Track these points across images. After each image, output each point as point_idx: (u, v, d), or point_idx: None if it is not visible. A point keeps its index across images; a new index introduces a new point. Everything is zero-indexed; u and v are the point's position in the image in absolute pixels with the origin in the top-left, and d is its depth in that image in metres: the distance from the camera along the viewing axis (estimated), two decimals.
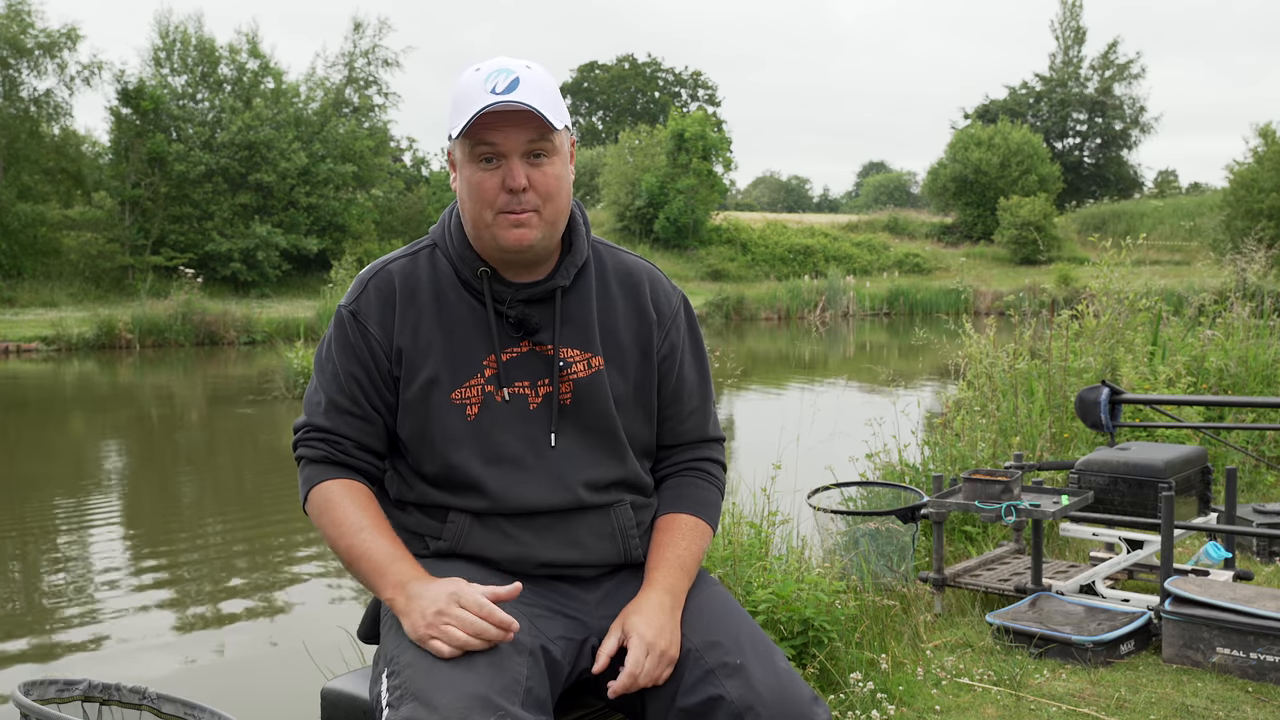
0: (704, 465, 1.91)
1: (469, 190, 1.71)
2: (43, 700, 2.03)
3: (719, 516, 1.92)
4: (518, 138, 1.67)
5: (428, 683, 1.48)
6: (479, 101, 1.64)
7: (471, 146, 1.68)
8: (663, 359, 1.86)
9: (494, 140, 1.67)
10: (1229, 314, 8.00)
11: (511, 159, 1.67)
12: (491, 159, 1.68)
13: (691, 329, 1.93)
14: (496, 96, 1.64)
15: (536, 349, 1.76)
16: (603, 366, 1.78)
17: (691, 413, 1.90)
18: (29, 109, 28.05)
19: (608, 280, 1.84)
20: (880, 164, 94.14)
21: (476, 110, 1.64)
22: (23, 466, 10.36)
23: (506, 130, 1.66)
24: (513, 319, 1.76)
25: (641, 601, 1.70)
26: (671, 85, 67.09)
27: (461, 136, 1.67)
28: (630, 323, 1.83)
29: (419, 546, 1.79)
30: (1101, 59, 55.23)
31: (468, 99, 1.66)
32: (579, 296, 1.80)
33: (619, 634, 1.65)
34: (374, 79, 34.25)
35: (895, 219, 45.32)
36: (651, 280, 1.88)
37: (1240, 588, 3.44)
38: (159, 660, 4.91)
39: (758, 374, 16.71)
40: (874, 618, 3.52)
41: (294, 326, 21.15)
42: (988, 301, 28.34)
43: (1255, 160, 35.45)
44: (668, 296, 1.89)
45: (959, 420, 5.92)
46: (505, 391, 1.74)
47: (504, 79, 1.65)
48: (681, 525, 1.82)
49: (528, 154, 1.68)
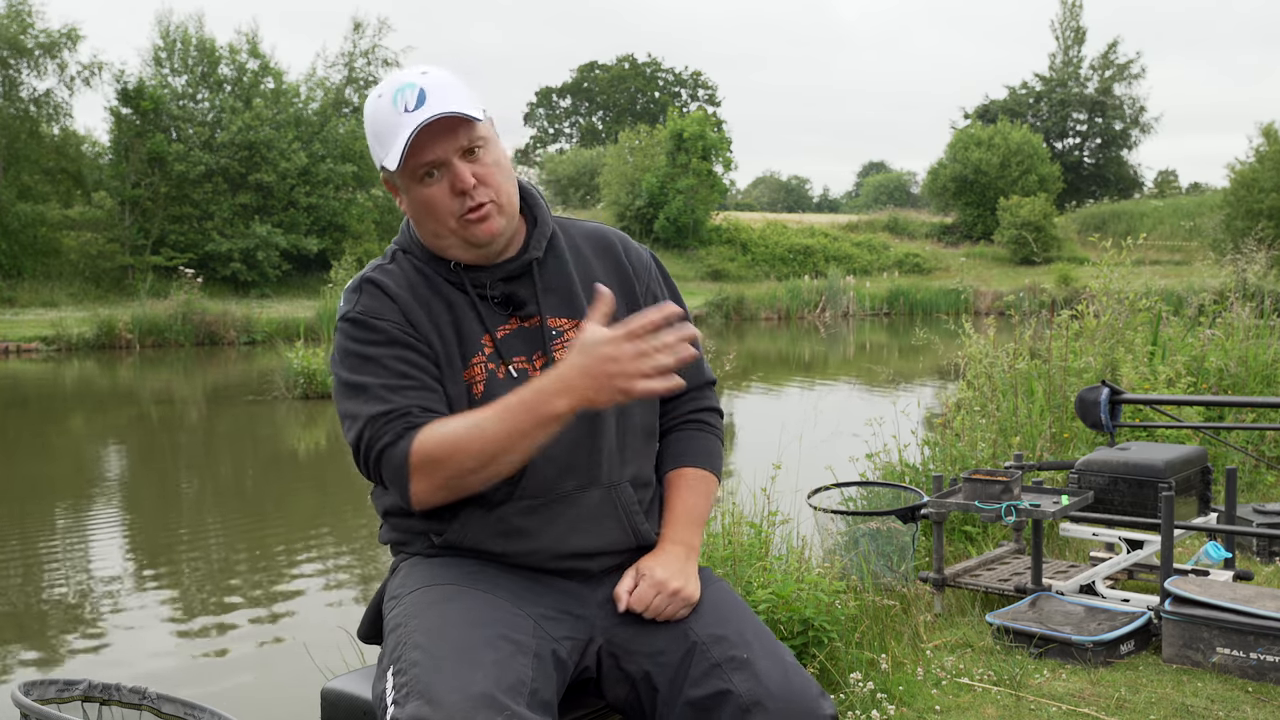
0: (702, 415, 1.94)
1: (423, 210, 1.73)
2: (42, 700, 2.04)
3: (722, 464, 1.96)
4: (448, 145, 1.68)
5: (434, 681, 1.49)
6: (399, 126, 1.66)
7: (411, 170, 1.70)
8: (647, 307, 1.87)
9: (429, 158, 1.68)
10: (1229, 314, 8.00)
11: (451, 164, 1.69)
12: (433, 173, 1.70)
13: (667, 280, 1.97)
14: (411, 114, 1.65)
15: (525, 324, 1.79)
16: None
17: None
18: (29, 109, 28.06)
19: (578, 246, 1.88)
20: (880, 164, 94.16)
21: (404, 139, 1.65)
22: (23, 467, 10.36)
23: (435, 143, 1.67)
24: (497, 298, 1.78)
25: (657, 552, 1.78)
26: (671, 85, 67.08)
27: (399, 164, 1.68)
28: (610, 279, 1.86)
29: (423, 544, 1.79)
30: (1101, 59, 55.23)
31: (388, 128, 1.68)
32: (555, 265, 1.83)
33: (634, 574, 1.74)
34: (374, 79, 34.22)
35: (895, 219, 45.32)
36: (621, 240, 1.93)
37: (1240, 588, 3.44)
38: (159, 660, 4.91)
39: (758, 374, 16.71)
40: (874, 618, 3.52)
41: (294, 326, 21.14)
42: (988, 301, 28.33)
43: (1257, 159, 35.45)
44: (638, 253, 1.94)
45: (959, 420, 5.92)
46: (509, 368, 1.75)
47: (411, 94, 1.67)
48: (688, 478, 1.87)
49: (462, 153, 1.70)
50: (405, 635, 1.60)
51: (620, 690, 1.73)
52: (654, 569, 1.73)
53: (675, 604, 1.70)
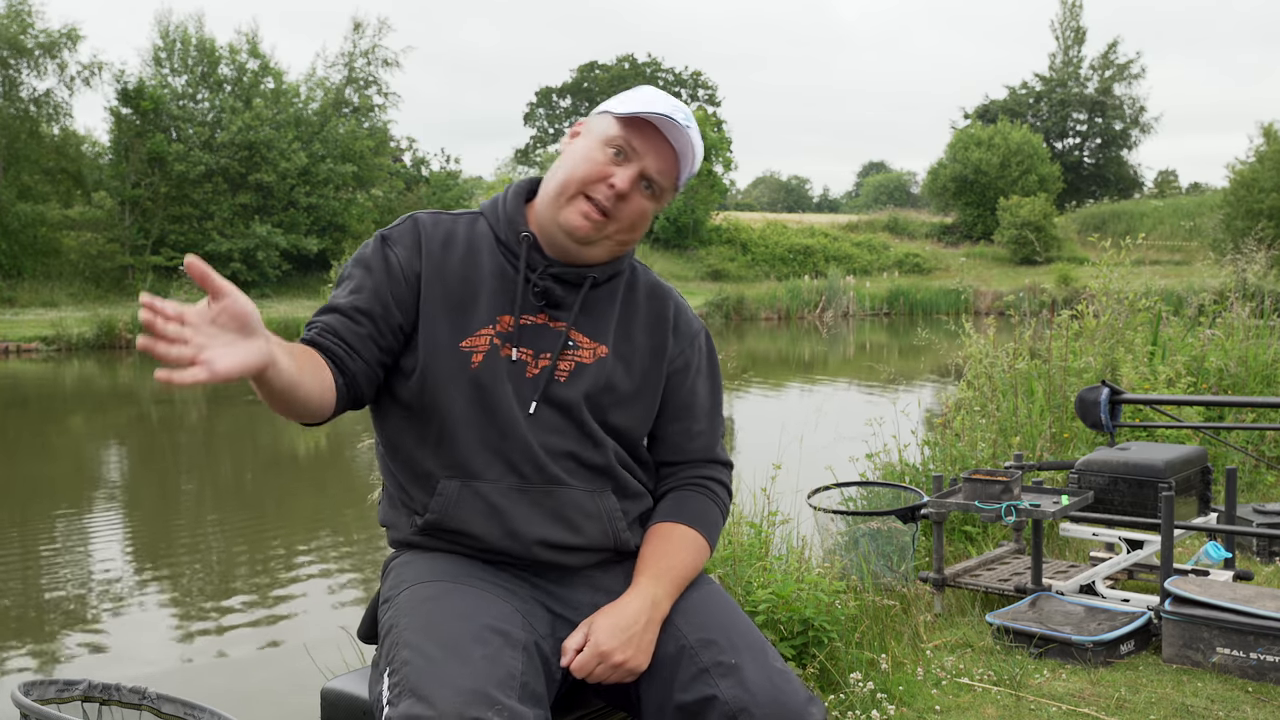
0: (708, 483, 1.88)
1: (579, 158, 1.74)
2: (42, 700, 2.04)
3: (718, 536, 1.86)
4: (655, 159, 1.72)
5: (425, 679, 1.49)
6: (659, 108, 1.70)
7: (618, 133, 1.72)
8: (675, 370, 1.86)
9: (640, 147, 1.71)
10: (1229, 314, 8.00)
11: (633, 170, 1.72)
12: (623, 153, 1.72)
13: (710, 357, 1.93)
14: (668, 119, 1.70)
15: (551, 324, 1.78)
16: (606, 356, 1.79)
17: (700, 433, 1.88)
18: (29, 109, 28.08)
19: (636, 290, 1.87)
20: (880, 164, 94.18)
21: (658, 112, 1.69)
22: (23, 467, 10.36)
23: (653, 147, 1.72)
24: (539, 288, 1.77)
25: (617, 606, 1.68)
26: (671, 85, 66.98)
27: (621, 120, 1.71)
28: (647, 328, 1.85)
29: (407, 526, 1.78)
30: (1101, 59, 55.24)
31: (647, 101, 1.72)
32: (606, 294, 1.83)
33: (582, 634, 1.65)
34: (374, 79, 34.27)
35: (895, 219, 45.33)
36: (678, 303, 1.91)
37: (1240, 588, 3.44)
38: (159, 660, 4.91)
39: (758, 374, 16.70)
40: (874, 618, 3.52)
41: (294, 326, 21.13)
42: (988, 301, 28.34)
43: (1257, 159, 35.45)
44: (690, 321, 1.91)
45: (959, 420, 5.92)
46: (515, 351, 1.74)
47: (682, 115, 1.72)
48: (677, 535, 1.79)
49: (645, 177, 1.73)
50: (398, 635, 1.61)
51: (610, 691, 1.73)
52: (600, 634, 1.64)
53: (618, 675, 1.64)
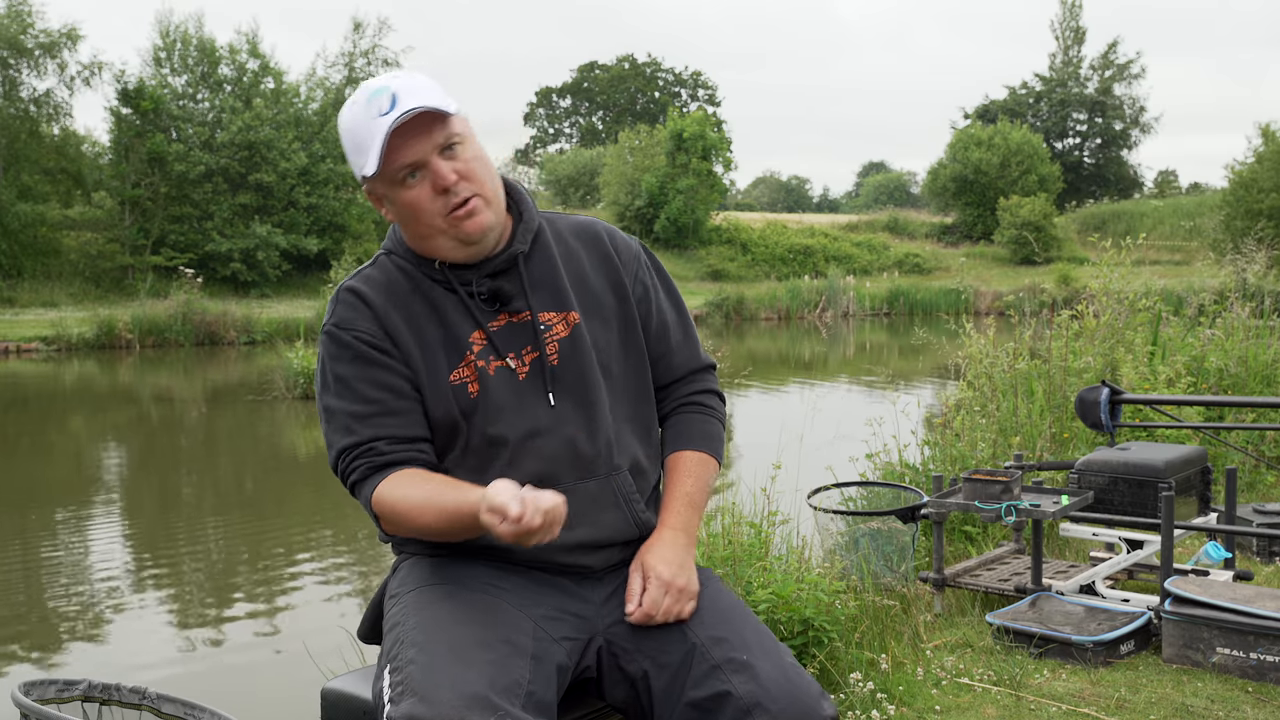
0: (701, 398, 1.94)
1: (409, 213, 1.72)
2: (42, 700, 2.04)
3: (723, 447, 1.95)
4: (425, 144, 1.67)
5: (429, 680, 1.49)
6: (374, 131, 1.64)
7: (391, 175, 1.68)
8: (638, 300, 1.89)
9: (408, 159, 1.67)
10: (1229, 314, 7.99)
11: (430, 163, 1.68)
12: (414, 174, 1.69)
13: (656, 268, 1.96)
14: (384, 117, 1.64)
15: (514, 319, 1.78)
16: (579, 321, 1.80)
17: (679, 346, 1.93)
18: (29, 109, 28.07)
19: (564, 237, 1.87)
20: (880, 164, 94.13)
21: (380, 141, 1.63)
22: (23, 467, 10.36)
23: (412, 143, 1.66)
24: (485, 294, 1.77)
25: (656, 541, 1.76)
26: (671, 85, 67.05)
27: (378, 172, 1.67)
28: (598, 270, 1.86)
29: (424, 543, 1.78)
30: (1101, 59, 55.24)
31: (365, 134, 1.67)
32: (541, 259, 1.82)
33: (640, 573, 1.72)
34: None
35: (895, 219, 45.32)
36: (608, 230, 1.93)
37: (1240, 588, 3.44)
38: (159, 660, 4.91)
39: (758, 374, 16.70)
40: (874, 618, 3.52)
41: (294, 326, 21.15)
42: (988, 301, 28.35)
43: (1256, 160, 35.44)
44: (626, 242, 1.93)
45: (959, 420, 5.92)
46: (504, 361, 1.75)
47: (385, 98, 1.66)
48: (688, 461, 1.87)
49: (440, 151, 1.68)
50: (403, 634, 1.61)
51: (620, 690, 1.73)
52: (657, 567, 1.72)
53: (682, 601, 1.71)
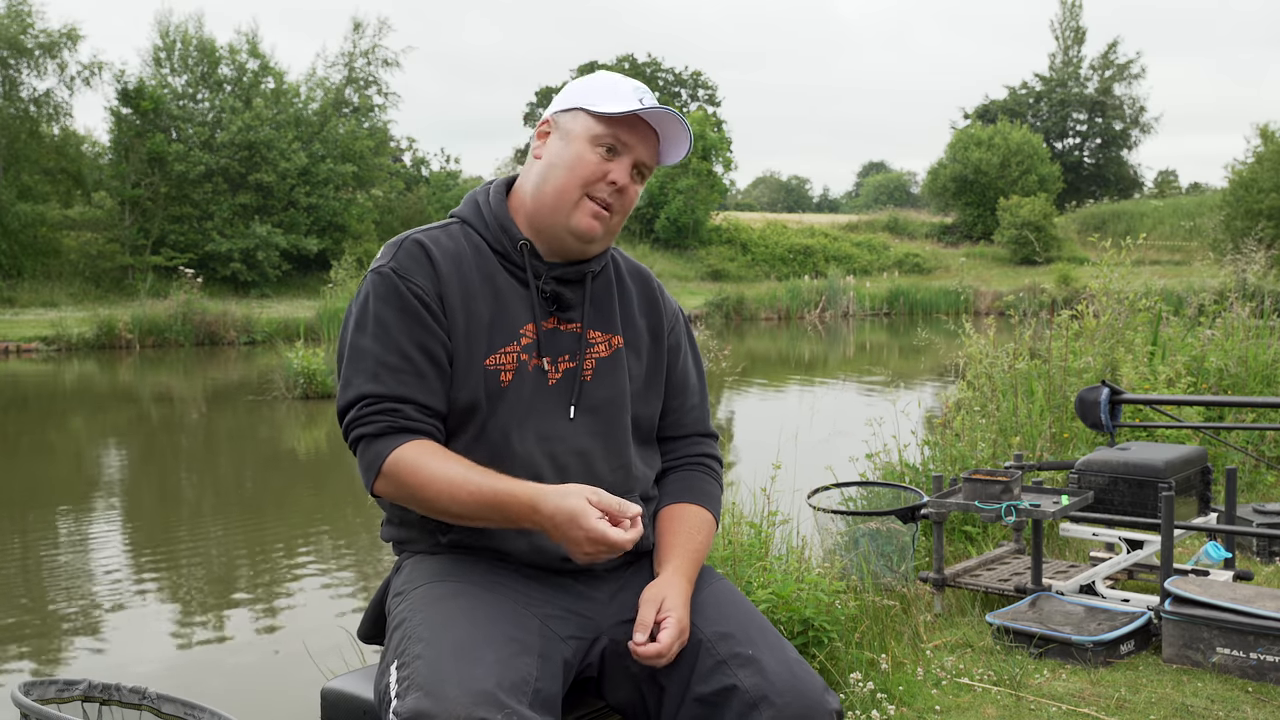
0: (706, 460, 1.98)
1: (571, 163, 1.76)
2: (42, 700, 2.04)
3: (721, 510, 1.99)
4: (644, 149, 1.78)
5: (436, 676, 1.49)
6: (642, 98, 1.74)
7: (604, 130, 1.74)
8: (670, 349, 1.95)
9: (630, 141, 1.76)
10: (1229, 314, 8.00)
11: (626, 162, 1.76)
12: (616, 150, 1.76)
13: (689, 333, 2.04)
14: (650, 101, 1.74)
15: (563, 327, 1.81)
16: (622, 346, 1.85)
17: (693, 407, 1.99)
18: (29, 109, 28.04)
19: (623, 274, 1.94)
20: (880, 164, 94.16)
21: (638, 107, 1.72)
22: (23, 467, 10.36)
23: (640, 137, 1.77)
24: (547, 293, 1.80)
25: (668, 584, 1.73)
26: (671, 85, 66.98)
27: (603, 119, 1.73)
28: (644, 310, 1.93)
29: (428, 542, 1.78)
30: (1101, 59, 55.23)
31: (628, 90, 1.75)
32: (604, 283, 1.89)
33: (654, 607, 1.69)
34: (374, 79, 34.23)
35: (895, 219, 45.31)
36: (658, 284, 2.02)
37: (1240, 588, 3.44)
38: (159, 660, 4.91)
39: (758, 374, 16.69)
40: (874, 618, 3.52)
41: (294, 326, 21.13)
42: (988, 301, 28.34)
43: (1255, 160, 35.44)
44: (670, 299, 2.02)
45: (959, 420, 5.92)
46: (544, 361, 1.77)
47: (649, 96, 1.76)
48: (692, 516, 1.87)
49: (639, 169, 1.78)
50: (409, 630, 1.61)
51: (624, 689, 1.73)
52: (678, 610, 1.68)
53: (680, 642, 1.68)
